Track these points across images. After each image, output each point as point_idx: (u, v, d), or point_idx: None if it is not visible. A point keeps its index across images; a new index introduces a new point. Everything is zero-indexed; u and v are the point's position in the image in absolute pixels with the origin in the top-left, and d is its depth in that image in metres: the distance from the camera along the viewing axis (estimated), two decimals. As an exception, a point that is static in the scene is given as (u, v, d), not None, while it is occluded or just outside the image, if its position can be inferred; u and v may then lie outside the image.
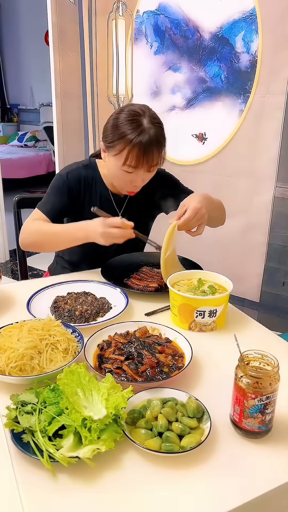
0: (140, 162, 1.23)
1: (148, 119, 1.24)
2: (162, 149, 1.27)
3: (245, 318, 1.16)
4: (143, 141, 1.20)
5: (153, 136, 1.22)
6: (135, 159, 1.22)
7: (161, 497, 0.63)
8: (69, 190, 1.37)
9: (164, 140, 1.28)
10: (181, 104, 2.25)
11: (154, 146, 1.22)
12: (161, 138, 1.25)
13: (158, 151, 1.25)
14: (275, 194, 2.07)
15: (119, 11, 2.29)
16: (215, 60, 2.08)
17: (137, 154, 1.21)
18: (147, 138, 1.20)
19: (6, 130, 7.05)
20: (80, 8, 2.37)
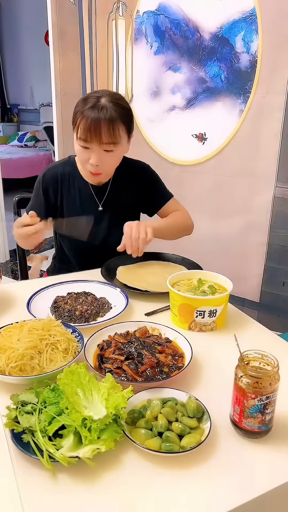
0: (89, 135, 1.24)
1: (107, 98, 1.26)
2: (116, 127, 1.25)
3: (245, 318, 1.16)
4: (92, 114, 1.22)
5: (105, 111, 1.23)
6: (84, 132, 1.24)
7: (161, 497, 0.63)
8: (44, 190, 1.43)
9: (122, 121, 1.27)
10: (181, 104, 2.25)
11: (104, 120, 1.22)
12: (115, 116, 1.24)
13: (109, 127, 1.23)
14: (275, 194, 2.07)
15: (119, 11, 2.28)
16: (215, 60, 2.08)
17: (85, 126, 1.23)
18: (97, 112, 1.22)
19: (6, 130, 7.05)
20: (80, 8, 2.36)
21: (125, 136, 1.32)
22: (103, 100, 1.25)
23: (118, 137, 1.27)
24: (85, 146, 1.27)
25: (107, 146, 1.27)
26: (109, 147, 1.28)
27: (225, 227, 2.24)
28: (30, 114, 7.06)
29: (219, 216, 2.25)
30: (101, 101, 1.25)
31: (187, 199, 2.28)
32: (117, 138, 1.27)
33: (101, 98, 1.25)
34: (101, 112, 1.23)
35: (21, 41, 6.71)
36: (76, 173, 1.45)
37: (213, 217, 2.26)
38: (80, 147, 1.29)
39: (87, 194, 1.45)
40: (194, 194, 2.27)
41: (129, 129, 1.33)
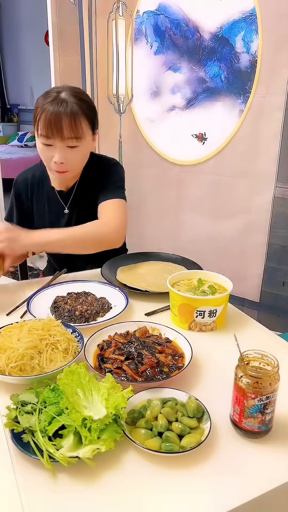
0: (50, 130, 1.18)
1: (68, 92, 1.21)
2: (78, 121, 1.20)
3: (245, 318, 1.16)
4: (52, 108, 1.17)
5: (65, 105, 1.18)
6: (44, 127, 1.19)
7: (161, 497, 0.63)
8: (17, 195, 1.45)
9: (83, 113, 1.21)
10: (181, 104, 2.25)
11: (64, 114, 1.17)
12: (76, 110, 1.19)
13: (71, 120, 1.18)
14: (275, 194, 2.07)
15: (119, 11, 2.28)
16: (215, 60, 2.08)
17: (45, 121, 1.18)
18: (56, 106, 1.17)
19: (6, 130, 7.05)
20: (80, 8, 2.37)
21: (89, 132, 1.27)
22: (63, 94, 1.20)
23: (80, 131, 1.22)
24: (47, 143, 1.22)
25: (70, 142, 1.22)
26: (72, 143, 1.22)
27: (225, 227, 2.24)
28: (30, 114, 7.05)
29: (219, 216, 2.25)
30: (61, 95, 1.20)
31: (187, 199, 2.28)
32: (80, 132, 1.22)
33: (61, 93, 1.21)
34: (61, 106, 1.17)
35: (21, 41, 6.71)
36: (45, 177, 1.43)
37: (213, 217, 2.26)
38: (42, 145, 1.24)
39: (54, 198, 1.43)
40: (194, 194, 2.28)
41: (92, 124, 1.28)
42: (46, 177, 1.42)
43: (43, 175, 1.43)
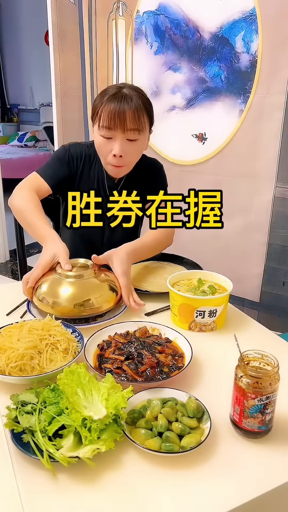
0: (113, 122, 1.21)
1: (128, 88, 1.25)
2: (141, 116, 1.24)
3: (245, 318, 1.16)
4: (116, 101, 1.21)
5: (128, 99, 1.22)
6: (107, 119, 1.21)
7: (161, 497, 0.63)
8: (69, 161, 1.38)
9: (145, 109, 1.25)
10: (181, 104, 2.25)
11: (127, 106, 1.21)
12: (138, 102, 1.23)
13: (133, 114, 1.22)
14: (275, 194, 2.07)
15: (119, 11, 2.28)
16: (215, 60, 2.08)
17: (108, 113, 1.21)
18: (120, 99, 1.21)
19: (6, 130, 7.04)
20: (80, 8, 2.36)
21: (148, 127, 1.30)
22: (125, 90, 1.24)
23: (142, 124, 1.25)
24: (108, 136, 1.24)
25: (131, 134, 1.24)
26: (133, 135, 1.24)
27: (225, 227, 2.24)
28: (30, 114, 7.06)
29: (219, 216, 2.25)
30: (123, 90, 1.24)
31: (187, 199, 2.27)
32: (142, 125, 1.25)
33: (123, 89, 1.24)
34: (125, 100, 1.21)
35: (21, 41, 6.71)
36: (98, 159, 1.41)
37: (213, 217, 2.25)
38: (101, 138, 1.25)
39: (102, 181, 1.42)
40: (194, 194, 2.27)
41: (151, 121, 1.32)
42: (98, 160, 1.41)
43: (96, 156, 1.41)
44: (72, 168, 1.39)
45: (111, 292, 1.11)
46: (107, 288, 1.11)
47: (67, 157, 1.38)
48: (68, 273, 1.09)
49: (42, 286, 1.10)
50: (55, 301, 1.05)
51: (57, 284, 1.08)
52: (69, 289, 1.07)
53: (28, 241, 1.70)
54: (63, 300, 1.05)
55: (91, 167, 1.41)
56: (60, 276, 1.09)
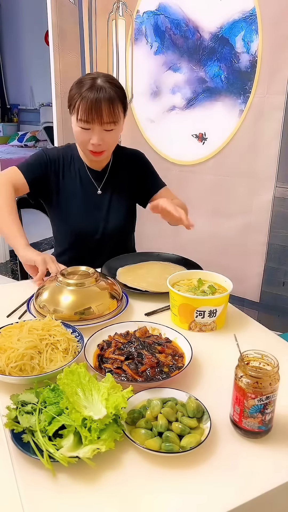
0: (90, 116, 1.27)
1: (102, 79, 1.30)
2: (116, 106, 1.30)
3: (245, 318, 1.16)
4: (92, 95, 1.26)
5: (103, 92, 1.27)
6: (85, 113, 1.28)
7: (161, 497, 0.63)
8: (48, 162, 1.43)
9: (119, 100, 1.31)
10: (181, 104, 2.25)
11: (103, 100, 1.26)
12: (113, 96, 1.28)
13: (109, 107, 1.28)
14: (275, 194, 2.07)
15: (119, 11, 2.28)
16: (215, 60, 2.08)
17: (86, 107, 1.27)
18: (95, 93, 1.26)
19: (6, 130, 7.04)
20: (80, 8, 2.36)
21: (122, 115, 1.36)
22: (99, 81, 1.29)
23: (118, 116, 1.31)
24: (86, 127, 1.31)
25: (107, 126, 1.30)
26: (110, 126, 1.31)
27: (225, 227, 2.24)
28: (30, 114, 7.05)
29: (219, 216, 2.25)
30: (98, 82, 1.28)
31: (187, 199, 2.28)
32: (117, 117, 1.31)
33: (97, 79, 1.29)
34: (100, 93, 1.26)
35: (21, 41, 6.70)
36: (76, 157, 1.48)
37: (213, 217, 2.26)
38: (80, 129, 1.32)
39: (86, 178, 1.48)
40: (194, 194, 2.27)
41: (124, 108, 1.37)
42: (77, 156, 1.48)
43: (73, 154, 1.48)
44: (50, 169, 1.44)
45: (111, 299, 1.11)
46: (107, 296, 1.11)
47: (46, 158, 1.44)
48: (69, 281, 1.09)
49: (43, 294, 1.10)
50: (56, 309, 1.06)
51: (58, 292, 1.08)
52: (70, 297, 1.07)
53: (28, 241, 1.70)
54: (64, 308, 1.06)
55: (70, 165, 1.47)
56: (61, 284, 1.09)
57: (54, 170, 1.45)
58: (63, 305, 1.06)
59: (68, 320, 1.02)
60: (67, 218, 1.48)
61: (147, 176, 1.58)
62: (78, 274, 1.14)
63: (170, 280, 1.13)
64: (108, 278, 1.18)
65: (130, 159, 1.55)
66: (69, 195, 1.47)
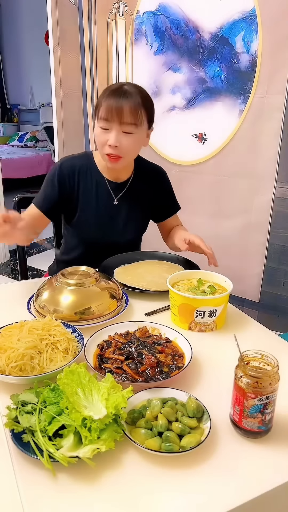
0: (110, 113, 1.24)
1: (130, 86, 1.29)
2: (139, 109, 1.27)
3: (245, 318, 1.16)
4: (116, 96, 1.25)
5: (128, 94, 1.25)
6: (105, 111, 1.25)
7: (161, 497, 0.63)
8: (60, 181, 1.39)
9: (143, 104, 1.28)
10: (181, 104, 2.25)
11: (126, 101, 1.24)
12: (137, 98, 1.26)
13: (131, 108, 1.25)
14: (275, 194, 2.07)
15: (119, 11, 2.29)
16: (215, 60, 2.08)
17: (107, 106, 1.24)
18: (120, 94, 1.25)
19: (6, 130, 7.05)
20: (80, 8, 2.36)
21: (146, 124, 1.32)
22: (127, 86, 1.28)
23: (139, 119, 1.28)
24: (105, 127, 1.27)
25: (127, 127, 1.26)
26: (129, 129, 1.27)
27: (225, 227, 2.24)
28: (30, 114, 7.06)
29: (219, 216, 2.25)
30: (125, 87, 1.28)
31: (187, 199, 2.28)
32: (138, 120, 1.27)
33: (125, 85, 1.28)
34: (125, 95, 1.25)
35: (21, 41, 6.71)
36: (93, 167, 1.44)
37: (213, 217, 2.26)
38: (99, 129, 1.29)
39: (103, 187, 1.44)
40: (194, 194, 2.27)
41: (150, 118, 1.34)
42: (94, 166, 1.44)
43: (90, 163, 1.44)
44: (65, 186, 1.40)
45: (112, 299, 1.11)
46: (108, 296, 1.11)
47: (56, 178, 1.39)
48: (69, 281, 1.10)
49: (43, 293, 1.10)
50: (56, 309, 1.06)
51: (58, 292, 1.09)
52: (70, 297, 1.07)
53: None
54: (64, 308, 1.06)
55: (86, 177, 1.42)
56: (61, 284, 1.10)
57: (69, 183, 1.40)
58: (63, 305, 1.06)
59: (68, 320, 1.02)
60: (81, 229, 1.46)
61: (167, 196, 1.57)
62: (78, 274, 1.14)
63: (170, 280, 1.13)
64: (108, 278, 1.18)
65: (152, 174, 1.53)
66: (85, 204, 1.43)
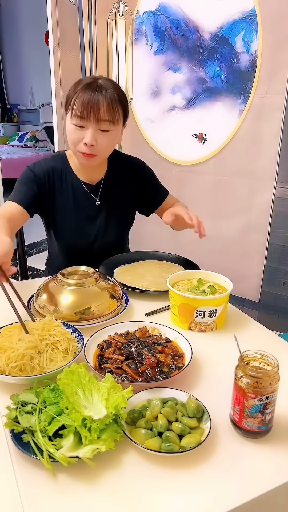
0: (86, 111, 1.18)
1: (104, 80, 1.24)
2: (115, 106, 1.22)
3: (245, 318, 1.16)
4: (90, 91, 1.19)
5: (103, 90, 1.20)
6: (80, 108, 1.19)
7: (161, 497, 0.63)
8: (37, 179, 1.34)
9: (120, 102, 1.24)
10: (181, 104, 2.25)
11: (102, 97, 1.19)
12: (113, 96, 1.21)
13: (108, 105, 1.20)
14: (275, 194, 2.07)
15: (119, 11, 2.28)
16: (215, 60, 2.08)
17: (82, 102, 1.18)
18: (95, 90, 1.19)
19: (6, 130, 7.04)
20: (80, 8, 2.36)
21: (121, 120, 1.27)
22: (101, 81, 1.22)
23: (116, 116, 1.23)
24: (80, 124, 1.21)
25: (104, 125, 1.21)
26: (106, 126, 1.22)
27: (225, 227, 2.24)
28: (30, 114, 7.06)
29: (219, 216, 2.25)
30: (99, 81, 1.22)
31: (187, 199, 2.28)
32: (116, 117, 1.23)
33: (98, 80, 1.23)
34: (100, 90, 1.19)
35: (21, 41, 6.70)
36: (68, 169, 1.39)
37: (213, 217, 2.25)
38: (73, 126, 1.23)
39: (81, 191, 1.39)
40: (194, 194, 2.27)
41: (125, 114, 1.29)
42: (68, 170, 1.39)
43: (65, 166, 1.39)
44: (41, 185, 1.35)
45: (112, 299, 1.11)
46: (107, 296, 1.11)
47: (33, 175, 1.34)
48: (69, 281, 1.10)
49: (43, 294, 1.10)
50: (56, 309, 1.06)
51: (58, 292, 1.09)
52: (70, 297, 1.08)
53: (28, 241, 1.71)
54: (64, 308, 1.06)
55: (61, 179, 1.38)
56: (61, 284, 1.10)
57: (44, 183, 1.35)
58: (63, 305, 1.06)
59: (68, 320, 1.02)
60: (62, 235, 1.42)
61: (150, 187, 1.51)
62: (78, 274, 1.14)
63: (170, 280, 1.13)
64: (108, 278, 1.18)
65: (131, 168, 1.48)
66: (63, 212, 1.39)
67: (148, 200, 1.52)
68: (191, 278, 1.18)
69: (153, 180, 1.53)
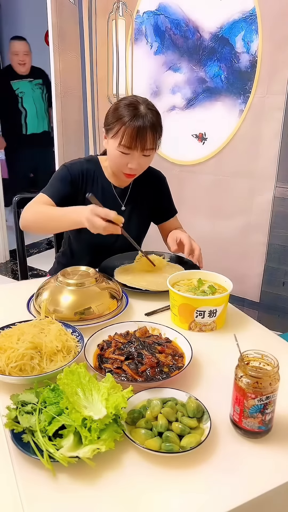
0: (134, 142, 1.28)
1: (145, 106, 1.31)
2: (157, 135, 1.32)
3: (245, 318, 1.16)
4: (138, 123, 1.27)
5: (148, 119, 1.28)
6: (130, 139, 1.27)
7: (161, 496, 0.63)
8: (72, 179, 1.40)
9: (160, 127, 1.33)
10: (181, 104, 2.25)
11: (148, 128, 1.28)
12: (156, 123, 1.31)
13: (152, 134, 1.30)
14: (275, 194, 2.07)
15: (119, 11, 2.28)
16: (215, 60, 2.08)
17: (131, 134, 1.27)
18: (141, 120, 1.27)
19: (6, 130, 7.04)
20: (80, 8, 2.36)
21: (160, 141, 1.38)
22: (142, 108, 1.29)
23: (157, 142, 1.34)
24: (126, 152, 1.31)
25: (148, 152, 1.33)
26: (149, 152, 1.34)
27: (225, 227, 2.24)
28: (30, 114, 7.05)
29: (219, 216, 2.25)
30: (141, 109, 1.29)
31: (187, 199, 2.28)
32: (157, 143, 1.34)
33: (139, 106, 1.29)
34: (146, 120, 1.27)
35: (21, 41, 6.70)
36: (100, 172, 1.46)
37: (213, 217, 2.26)
38: (119, 153, 1.31)
39: (110, 194, 1.46)
40: (194, 194, 2.27)
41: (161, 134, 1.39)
42: (100, 171, 1.46)
43: (97, 169, 1.46)
44: (76, 186, 1.41)
45: (111, 299, 1.11)
46: (108, 295, 1.11)
47: (69, 176, 1.40)
48: (69, 281, 1.10)
49: (43, 294, 1.10)
50: (56, 309, 1.06)
51: (58, 292, 1.09)
52: (70, 297, 1.08)
53: (28, 241, 1.71)
54: (64, 308, 1.06)
55: (93, 182, 1.44)
56: (61, 284, 1.10)
57: (78, 185, 1.42)
58: (63, 305, 1.06)
59: (68, 320, 1.02)
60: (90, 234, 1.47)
61: (166, 201, 1.61)
62: (78, 274, 1.14)
63: (170, 280, 1.13)
64: (108, 278, 1.18)
65: (153, 179, 1.56)
66: None
67: (162, 210, 1.61)
68: (191, 278, 1.18)
69: (168, 195, 1.63)
